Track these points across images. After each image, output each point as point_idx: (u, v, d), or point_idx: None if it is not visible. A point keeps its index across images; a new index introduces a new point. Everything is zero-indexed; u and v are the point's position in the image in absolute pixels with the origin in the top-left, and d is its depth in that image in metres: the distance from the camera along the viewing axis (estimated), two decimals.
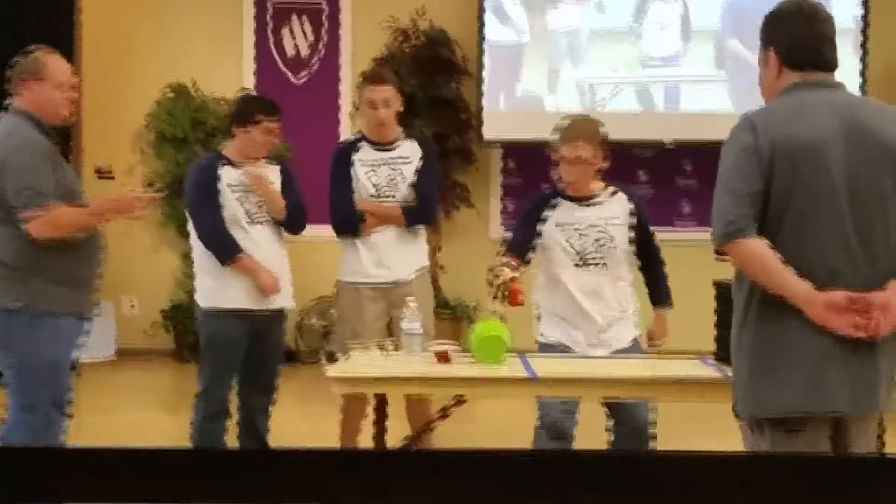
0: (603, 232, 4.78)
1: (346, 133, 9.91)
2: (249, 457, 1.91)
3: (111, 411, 7.98)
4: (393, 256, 5.68)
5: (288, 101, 9.82)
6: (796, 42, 3.42)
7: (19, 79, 4.77)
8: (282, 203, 5.57)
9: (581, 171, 4.79)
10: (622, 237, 4.80)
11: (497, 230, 9.98)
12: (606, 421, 4.77)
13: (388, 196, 5.69)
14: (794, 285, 3.24)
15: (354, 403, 5.61)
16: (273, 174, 5.69)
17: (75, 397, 8.39)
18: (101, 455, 1.74)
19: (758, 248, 3.27)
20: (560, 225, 4.81)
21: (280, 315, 5.68)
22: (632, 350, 4.75)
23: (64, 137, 9.55)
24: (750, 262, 3.30)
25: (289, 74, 10.01)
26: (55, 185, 4.67)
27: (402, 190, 5.70)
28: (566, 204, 4.85)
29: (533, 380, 4.02)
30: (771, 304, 3.28)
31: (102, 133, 9.94)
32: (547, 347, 4.82)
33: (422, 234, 5.86)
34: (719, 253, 3.38)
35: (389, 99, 5.68)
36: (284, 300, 5.66)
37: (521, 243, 4.88)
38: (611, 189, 4.92)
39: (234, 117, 5.70)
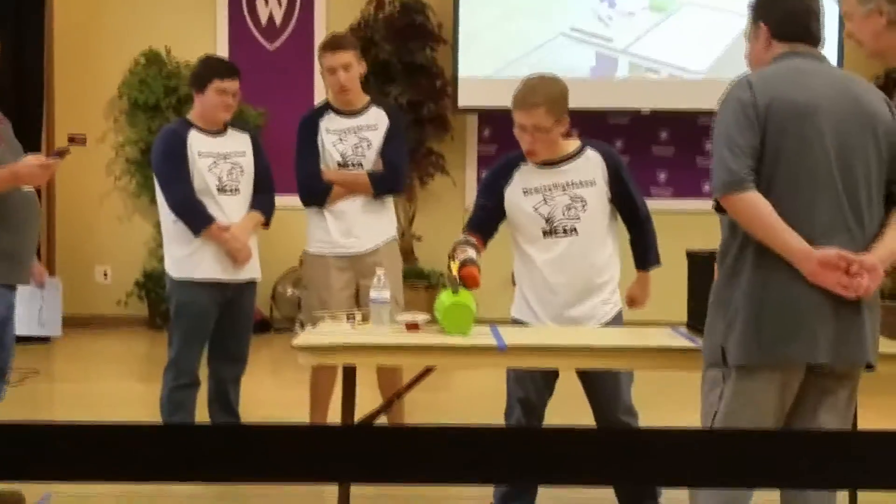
0: (573, 196, 4.46)
1: (320, 98, 9.86)
2: (217, 432, 1.89)
3: (85, 380, 7.96)
4: (360, 225, 5.60)
5: (262, 68, 9.80)
6: (788, 16, 3.55)
7: None
8: (248, 252, 5.51)
9: (536, 139, 4.44)
10: (596, 200, 4.46)
11: (472, 199, 9.95)
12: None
13: (355, 165, 5.61)
14: (790, 240, 3.35)
15: (323, 375, 5.60)
16: (243, 143, 5.64)
17: (49, 365, 8.42)
18: (45, 431, 1.72)
19: (757, 201, 3.37)
20: (526, 191, 4.51)
21: (250, 285, 5.66)
22: (612, 326, 4.55)
23: (36, 106, 9.55)
24: (749, 215, 3.38)
25: (262, 41, 9.95)
26: None
27: (370, 158, 5.62)
28: (531, 168, 4.51)
29: (502, 350, 4.02)
30: (765, 258, 3.38)
31: (75, 101, 9.87)
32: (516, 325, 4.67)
33: (390, 203, 5.78)
34: (719, 207, 3.46)
35: (349, 63, 5.58)
36: (254, 271, 5.64)
37: (484, 217, 4.64)
38: (582, 148, 4.55)
39: (191, 82, 5.68)
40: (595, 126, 8.90)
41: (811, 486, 2.86)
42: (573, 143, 4.57)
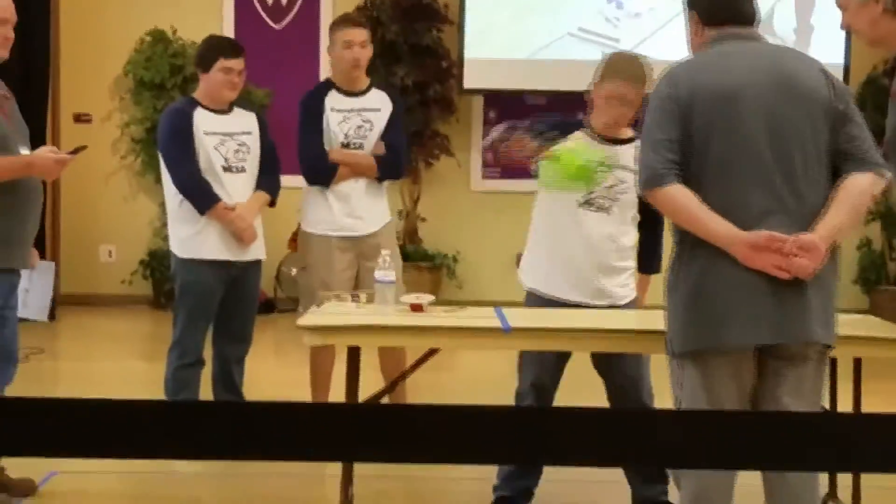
0: (617, 177, 4.45)
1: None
2: (221, 410, 1.90)
3: (89, 359, 7.97)
4: (363, 207, 5.59)
5: (268, 47, 9.78)
6: (714, 1, 3.56)
7: None
8: (253, 232, 5.50)
9: (623, 112, 4.47)
10: (632, 188, 4.30)
11: (478, 180, 9.96)
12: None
13: (356, 146, 5.59)
14: (715, 227, 3.36)
15: (322, 355, 5.59)
16: (249, 122, 5.63)
17: (54, 344, 8.43)
18: (50, 406, 1.72)
19: (677, 193, 3.40)
20: None
21: (255, 265, 5.65)
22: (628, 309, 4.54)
23: (42, 85, 9.53)
24: (670, 208, 3.45)
25: (269, 20, 9.92)
26: None
27: (371, 140, 5.60)
28: (588, 138, 4.50)
29: (506, 331, 4.01)
30: (702, 245, 3.40)
31: (81, 80, 9.86)
32: (533, 298, 4.63)
33: (385, 187, 5.76)
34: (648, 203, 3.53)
35: (366, 41, 5.59)
36: (259, 251, 5.63)
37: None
38: (635, 139, 4.47)
39: (197, 62, 5.66)
40: None
41: (761, 468, 2.86)
42: (628, 131, 4.59)
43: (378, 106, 5.64)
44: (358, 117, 5.59)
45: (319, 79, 9.81)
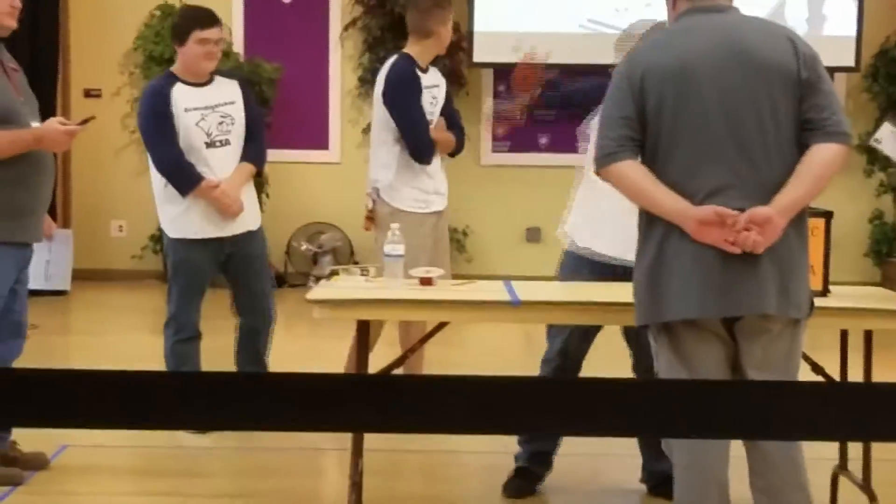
0: None
1: (335, 54, 9.83)
2: (232, 381, 1.90)
3: (99, 333, 8.00)
4: (442, 182, 5.76)
5: (277, 22, 9.76)
6: None
7: None
8: (239, 206, 5.46)
9: None
10: None
11: (487, 155, 9.94)
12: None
13: (431, 123, 5.68)
14: (665, 203, 3.39)
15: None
16: (231, 91, 5.54)
17: (64, 318, 8.46)
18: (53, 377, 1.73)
19: (628, 169, 3.43)
20: None
21: (250, 235, 5.56)
22: None
23: (51, 59, 9.53)
24: (622, 185, 3.48)
25: None
26: None
27: (436, 116, 5.71)
28: None
29: (515, 305, 4.01)
30: (658, 220, 3.43)
31: (90, 54, 9.85)
32: (576, 259, 4.55)
33: None
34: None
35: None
36: (250, 221, 5.56)
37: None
38: None
39: (172, 35, 5.59)
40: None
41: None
42: None
43: (438, 83, 5.78)
44: (429, 94, 5.68)
45: (328, 52, 9.82)
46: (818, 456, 4.29)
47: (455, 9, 9.52)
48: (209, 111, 5.42)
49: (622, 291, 4.25)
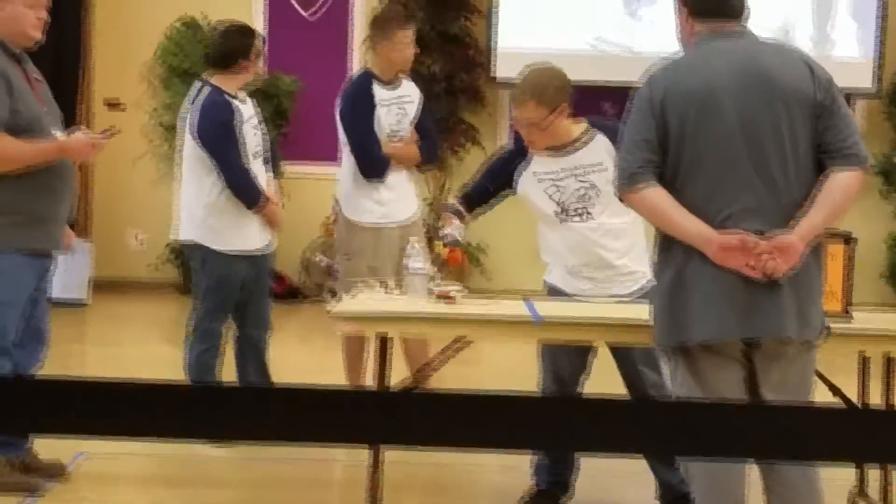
0: (583, 181, 4.43)
1: (356, 68, 9.85)
2: (250, 393, 1.91)
3: (116, 343, 8.02)
4: (406, 194, 5.75)
5: (299, 37, 9.80)
6: None
7: None
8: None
9: (529, 131, 4.44)
10: (606, 182, 4.25)
11: None
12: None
13: (397, 136, 5.72)
14: (688, 227, 3.40)
15: (353, 342, 5.62)
16: (254, 107, 5.64)
17: (82, 328, 8.47)
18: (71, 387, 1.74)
19: (652, 194, 3.43)
20: (537, 175, 4.52)
21: (273, 251, 5.76)
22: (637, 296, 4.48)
23: (74, 70, 9.57)
24: (645, 208, 3.50)
25: (300, 9, 9.93)
26: (10, 113, 4.36)
27: (406, 128, 5.74)
28: (541, 155, 4.50)
29: (536, 322, 4.01)
30: (679, 242, 3.44)
31: (111, 65, 9.90)
32: (553, 291, 4.68)
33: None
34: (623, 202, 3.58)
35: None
36: (276, 239, 5.73)
37: (482, 191, 4.76)
38: (589, 132, 4.48)
39: (231, 54, 5.51)
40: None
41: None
42: (580, 127, 4.52)
43: (410, 96, 5.78)
44: (396, 107, 5.69)
45: (347, 67, 9.85)
46: (836, 479, 4.28)
47: (475, 26, 9.62)
48: (252, 127, 5.54)
49: (642, 310, 4.25)
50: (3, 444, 4.60)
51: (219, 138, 5.42)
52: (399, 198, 5.70)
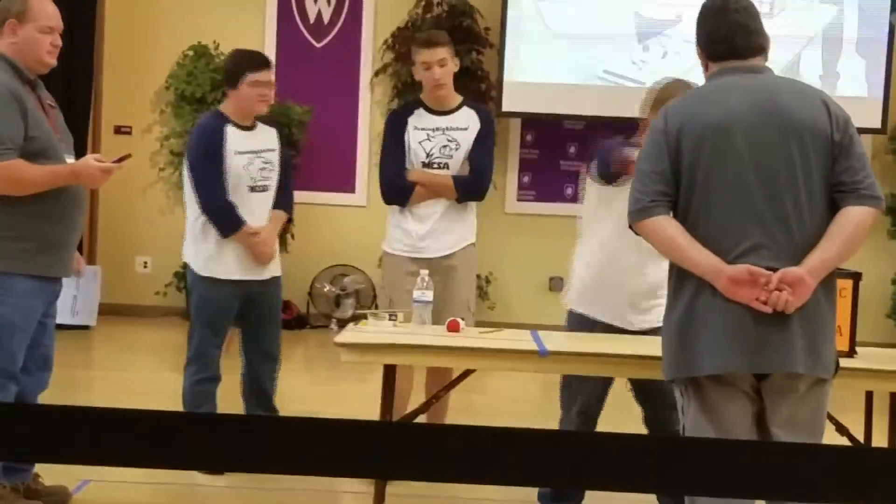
0: None
1: (365, 98, 9.91)
2: (254, 423, 1.91)
3: (122, 369, 8.01)
4: (440, 229, 5.47)
5: (309, 65, 9.84)
6: (710, 37, 3.61)
7: (1, 22, 4.47)
8: (272, 254, 5.52)
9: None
10: None
11: (513, 203, 9.96)
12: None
13: (441, 165, 5.48)
14: (698, 259, 3.41)
15: (401, 378, 5.34)
16: (272, 138, 5.59)
17: (88, 353, 8.47)
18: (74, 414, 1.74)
19: (662, 225, 3.45)
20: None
21: (272, 281, 5.62)
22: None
23: (85, 96, 9.62)
24: (656, 239, 3.50)
25: (310, 38, 9.98)
26: (25, 138, 4.38)
27: (458, 159, 5.49)
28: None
29: (543, 355, 4.01)
30: (690, 275, 3.44)
31: (123, 92, 9.94)
32: (577, 319, 4.63)
33: (472, 208, 5.63)
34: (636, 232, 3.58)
35: (444, 59, 5.47)
36: (275, 268, 5.61)
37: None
38: None
39: (226, 77, 5.60)
40: None
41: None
42: None
43: (466, 125, 5.54)
44: (443, 136, 5.48)
45: (359, 97, 9.90)
46: None
47: (486, 59, 9.66)
48: (254, 156, 5.48)
49: (650, 344, 4.25)
50: (8, 469, 4.60)
51: (198, 161, 5.45)
52: (429, 231, 5.46)
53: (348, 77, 9.89)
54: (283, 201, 5.61)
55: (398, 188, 5.48)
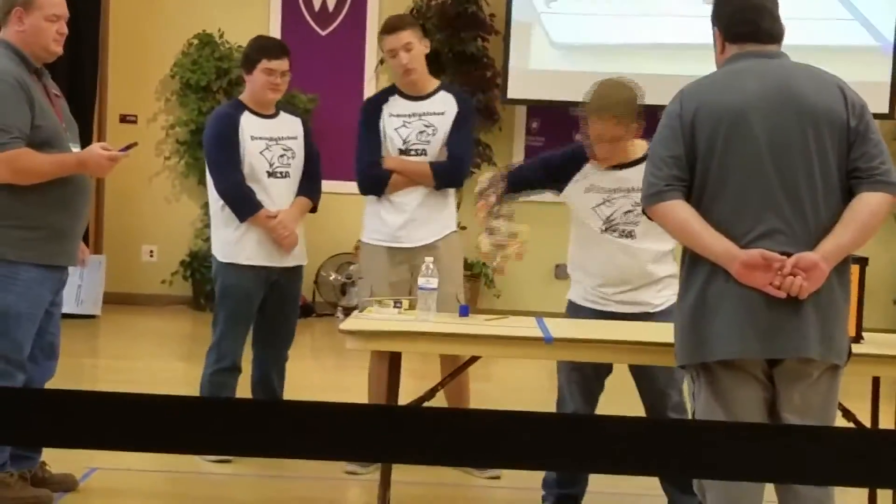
0: (634, 202, 4.41)
1: (370, 86, 9.90)
2: (255, 408, 1.91)
3: (128, 357, 8.03)
4: (419, 218, 5.33)
5: (313, 53, 9.83)
6: (734, 17, 3.56)
7: (8, 10, 4.46)
8: (294, 239, 5.50)
9: (610, 148, 4.45)
10: None
11: None
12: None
13: (418, 152, 5.34)
14: (712, 244, 3.39)
15: (380, 367, 5.21)
16: (295, 127, 5.63)
17: (94, 342, 8.49)
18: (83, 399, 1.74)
19: (676, 209, 3.43)
20: (590, 189, 4.54)
21: (296, 270, 5.63)
22: (659, 317, 4.50)
23: (90, 85, 9.62)
24: (669, 223, 3.49)
25: (315, 26, 9.98)
26: (31, 127, 4.37)
27: (435, 145, 5.33)
28: (596, 168, 4.53)
29: (548, 341, 4.01)
30: (703, 260, 3.43)
31: (128, 81, 9.95)
32: (575, 308, 4.68)
33: (451, 195, 5.49)
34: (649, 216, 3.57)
35: (409, 43, 5.27)
36: (300, 256, 5.61)
37: (532, 174, 4.72)
38: (644, 152, 4.41)
39: (242, 63, 5.66)
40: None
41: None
42: (641, 147, 4.51)
43: (442, 109, 5.38)
44: (419, 121, 5.34)
45: (364, 84, 9.89)
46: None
47: (492, 45, 9.65)
48: (273, 142, 5.48)
49: (655, 330, 4.25)
50: (16, 457, 4.61)
51: (212, 146, 5.51)
52: (407, 220, 5.34)
53: (353, 65, 9.89)
54: (307, 188, 5.60)
55: (373, 177, 5.36)
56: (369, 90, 9.89)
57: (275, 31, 9.80)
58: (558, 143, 5.02)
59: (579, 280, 4.71)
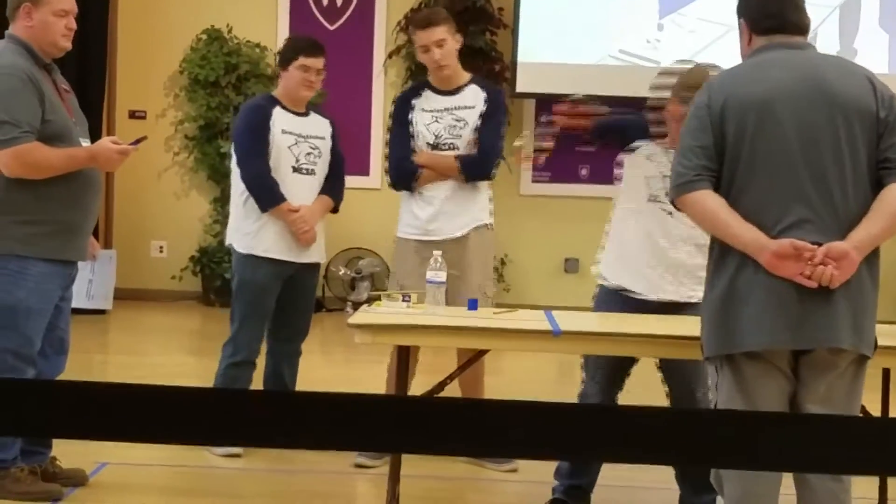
0: None
1: (378, 80, 9.90)
2: (265, 399, 1.91)
3: (138, 353, 8.05)
4: (449, 211, 5.35)
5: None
6: (760, 9, 3.55)
7: (17, 5, 4.47)
8: (313, 235, 5.51)
9: (678, 127, 4.25)
10: None
11: (527, 185, 9.95)
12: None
13: (450, 146, 5.35)
14: (741, 234, 3.37)
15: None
16: (324, 128, 5.64)
17: (104, 337, 8.51)
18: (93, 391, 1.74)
19: (705, 199, 3.41)
20: (651, 160, 4.54)
21: (313, 267, 5.65)
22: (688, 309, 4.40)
23: (99, 81, 9.63)
24: (698, 214, 3.47)
25: (323, 21, 9.97)
26: (42, 122, 4.38)
27: (465, 139, 5.35)
28: (660, 150, 4.52)
29: (556, 334, 4.00)
30: (732, 250, 3.41)
31: (136, 76, 9.96)
32: (609, 293, 4.60)
33: (484, 188, 5.51)
34: (677, 207, 3.55)
35: (442, 39, 5.31)
36: (317, 254, 5.62)
37: (613, 127, 4.77)
38: None
39: (279, 59, 5.70)
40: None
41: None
42: None
43: (472, 103, 5.41)
44: (450, 116, 5.37)
45: (373, 79, 9.89)
46: (858, 495, 4.25)
47: (500, 39, 9.64)
48: (302, 139, 5.51)
49: (661, 324, 4.24)
50: (26, 452, 4.62)
51: (242, 136, 5.54)
52: (437, 213, 5.35)
53: (362, 59, 9.88)
54: (330, 189, 5.61)
55: (403, 172, 5.40)
56: (377, 85, 9.90)
57: (283, 26, 9.81)
58: (567, 136, 4.99)
59: (616, 265, 4.63)
